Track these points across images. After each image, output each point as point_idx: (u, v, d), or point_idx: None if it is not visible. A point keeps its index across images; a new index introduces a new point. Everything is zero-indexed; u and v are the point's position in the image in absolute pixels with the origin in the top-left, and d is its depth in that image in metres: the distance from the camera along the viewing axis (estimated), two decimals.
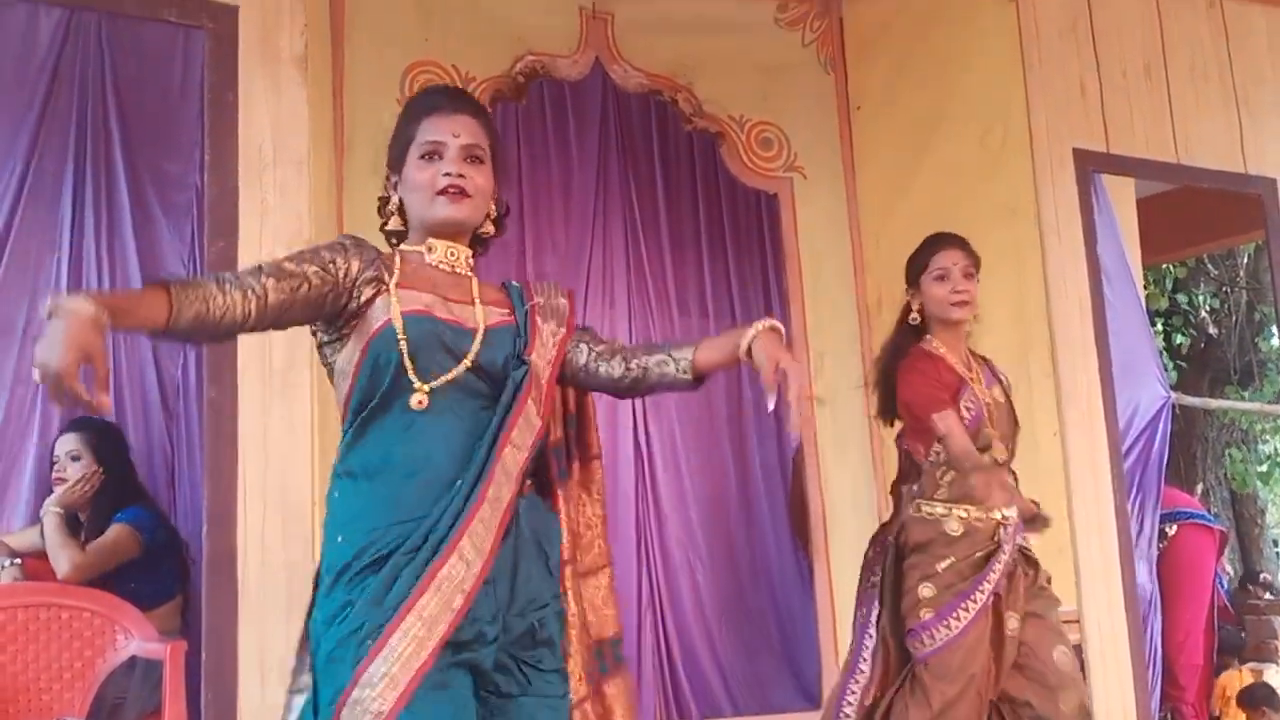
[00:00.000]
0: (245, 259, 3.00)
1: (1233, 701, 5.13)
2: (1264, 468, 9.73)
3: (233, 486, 2.91)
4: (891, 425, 3.40)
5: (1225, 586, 6.40)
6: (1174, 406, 5.08)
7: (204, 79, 3.10)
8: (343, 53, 3.75)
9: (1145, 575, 4.64)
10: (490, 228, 2.16)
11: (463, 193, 2.03)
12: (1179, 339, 8.98)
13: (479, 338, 2.00)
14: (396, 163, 2.10)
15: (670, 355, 2.14)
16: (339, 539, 1.92)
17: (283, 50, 3.17)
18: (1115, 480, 4.10)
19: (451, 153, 2.04)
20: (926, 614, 3.12)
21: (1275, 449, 9.71)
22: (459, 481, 1.91)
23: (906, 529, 3.21)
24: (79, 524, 3.59)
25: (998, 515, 3.14)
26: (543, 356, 2.08)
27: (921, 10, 4.53)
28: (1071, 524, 3.99)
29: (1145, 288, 7.50)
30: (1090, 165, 4.31)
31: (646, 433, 5.18)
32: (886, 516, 4.38)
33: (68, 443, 3.64)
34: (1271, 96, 4.86)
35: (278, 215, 3.09)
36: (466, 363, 1.98)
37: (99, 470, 3.61)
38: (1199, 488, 9.16)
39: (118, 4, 3.10)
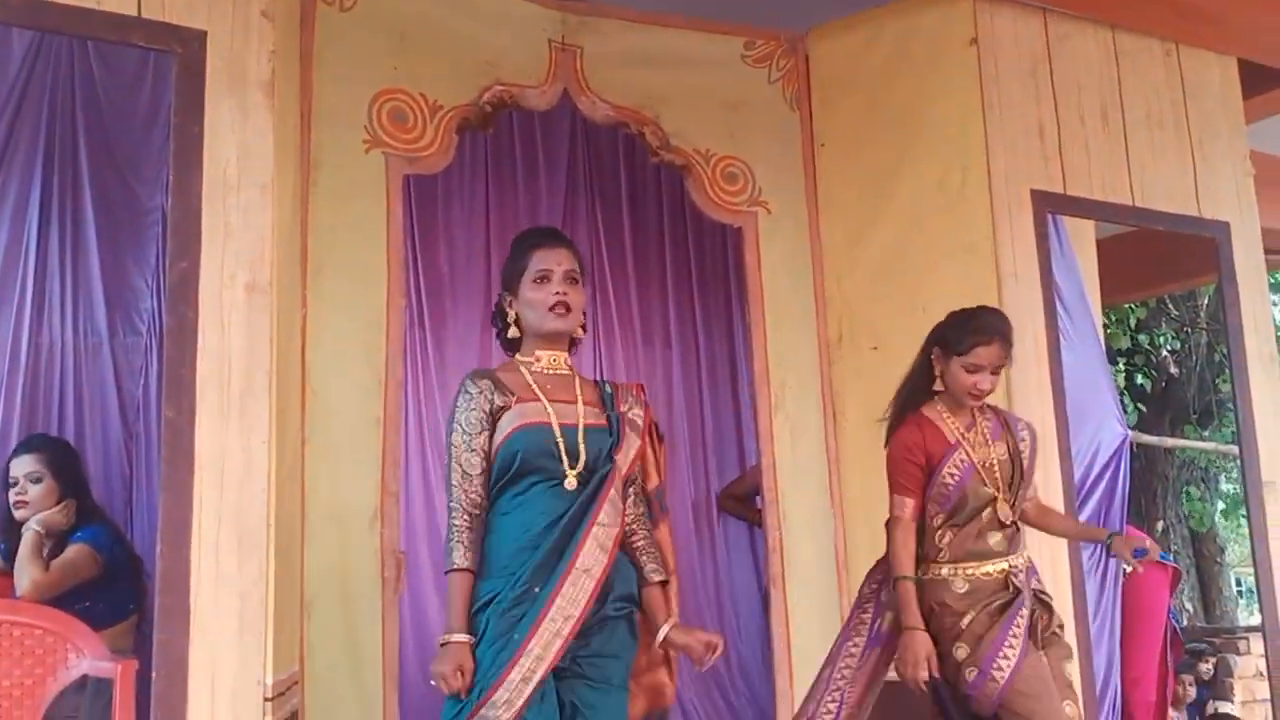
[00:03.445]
0: (207, 281, 3.00)
1: None
2: (1223, 505, 9.84)
3: (188, 507, 2.90)
4: None
5: (1180, 623, 6.48)
6: (1133, 445, 5.14)
7: (171, 102, 3.11)
8: (311, 78, 3.74)
9: (1115, 617, 4.70)
10: (580, 332, 2.78)
11: (567, 308, 2.65)
12: (1140, 379, 9.09)
13: (581, 435, 2.63)
14: (512, 285, 2.72)
15: (645, 564, 2.76)
16: None
17: (250, 75, 3.18)
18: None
19: (558, 277, 2.65)
20: (971, 673, 3.12)
21: (1234, 488, 9.82)
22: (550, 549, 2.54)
23: (921, 590, 3.23)
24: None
25: (1004, 566, 3.19)
26: (625, 458, 2.72)
27: (886, 51, 4.59)
28: None
29: (1107, 327, 7.60)
30: (1047, 207, 4.38)
31: None
32: (844, 547, 4.48)
33: (26, 464, 3.62)
34: (1225, 142, 4.95)
35: (240, 238, 3.08)
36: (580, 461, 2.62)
37: (72, 497, 3.62)
38: (1159, 525, 9.27)
39: (88, 28, 3.09)
